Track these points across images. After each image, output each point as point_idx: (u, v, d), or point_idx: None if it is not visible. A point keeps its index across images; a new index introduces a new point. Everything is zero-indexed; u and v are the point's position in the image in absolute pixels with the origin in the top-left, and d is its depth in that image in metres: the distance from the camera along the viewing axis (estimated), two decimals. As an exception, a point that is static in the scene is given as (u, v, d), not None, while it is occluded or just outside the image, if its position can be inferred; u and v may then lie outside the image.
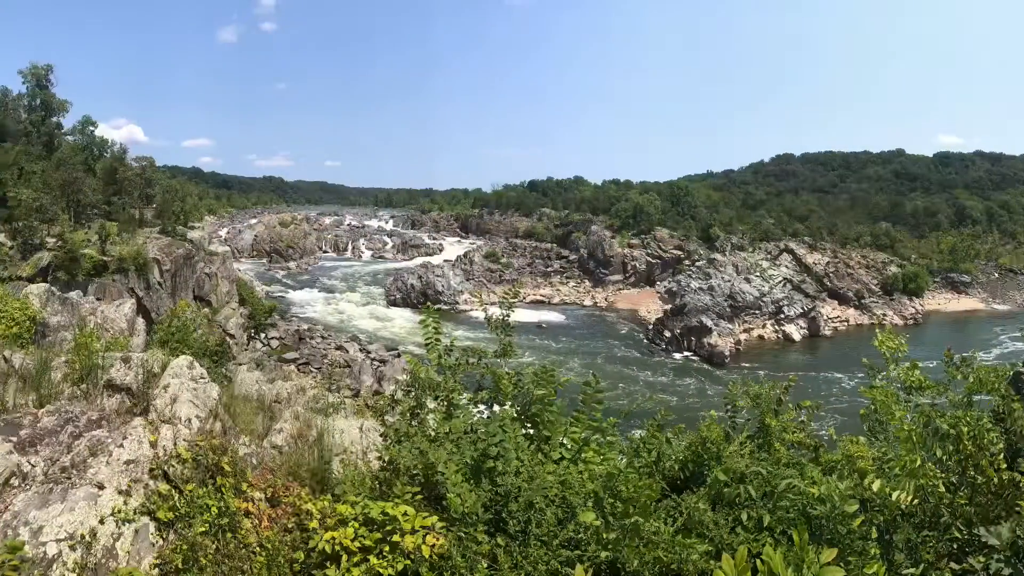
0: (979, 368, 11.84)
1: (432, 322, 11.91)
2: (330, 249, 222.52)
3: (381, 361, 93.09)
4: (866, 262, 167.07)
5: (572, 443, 10.68)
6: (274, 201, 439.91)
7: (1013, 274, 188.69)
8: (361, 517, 8.14)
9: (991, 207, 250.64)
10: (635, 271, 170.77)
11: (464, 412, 10.75)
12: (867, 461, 9.52)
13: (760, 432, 12.16)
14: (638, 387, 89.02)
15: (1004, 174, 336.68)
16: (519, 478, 8.80)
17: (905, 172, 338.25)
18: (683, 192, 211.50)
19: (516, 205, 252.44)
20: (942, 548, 8.72)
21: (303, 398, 20.09)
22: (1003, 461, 9.15)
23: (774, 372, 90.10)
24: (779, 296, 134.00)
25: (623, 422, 11.64)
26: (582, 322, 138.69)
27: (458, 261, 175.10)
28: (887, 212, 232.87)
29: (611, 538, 8.05)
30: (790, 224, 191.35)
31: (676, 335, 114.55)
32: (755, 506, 9.08)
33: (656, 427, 11.48)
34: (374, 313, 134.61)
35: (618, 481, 8.38)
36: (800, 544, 6.30)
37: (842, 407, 76.82)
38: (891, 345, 11.36)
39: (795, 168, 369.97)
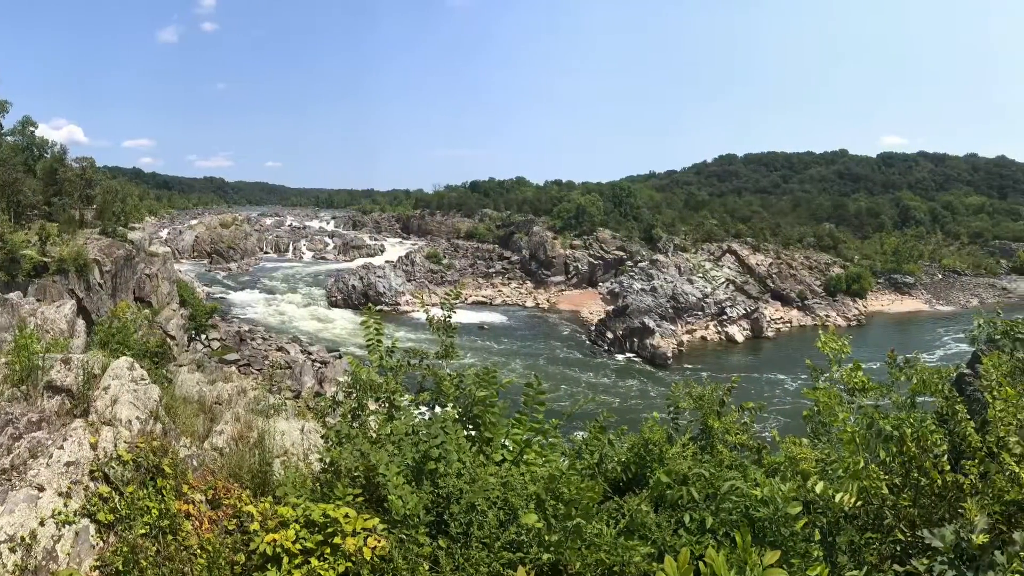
0: (922, 369, 11.93)
1: (373, 323, 11.94)
2: (271, 250, 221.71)
3: (322, 362, 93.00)
4: (809, 263, 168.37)
5: (514, 445, 10.71)
6: (215, 202, 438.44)
7: (956, 275, 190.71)
8: (302, 519, 8.13)
9: (935, 208, 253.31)
10: (577, 272, 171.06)
11: (406, 414, 10.77)
12: (810, 463, 9.55)
13: (703, 434, 12.23)
14: (580, 388, 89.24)
15: (948, 175, 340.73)
16: (461, 480, 8.81)
17: (848, 173, 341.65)
18: (625, 193, 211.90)
19: (458, 206, 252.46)
20: (885, 550, 8.79)
21: (244, 400, 19.99)
22: (947, 463, 9.22)
23: (717, 373, 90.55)
24: (722, 297, 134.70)
25: (565, 423, 11.69)
26: (524, 323, 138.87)
27: (399, 262, 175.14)
28: (830, 213, 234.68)
29: (553, 540, 8.06)
30: (733, 225, 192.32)
31: (618, 336, 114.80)
32: (698, 508, 9.12)
33: (598, 429, 11.49)
34: (315, 314, 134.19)
35: (560, 483, 8.38)
36: (743, 546, 6.33)
37: (785, 408, 77.40)
38: (834, 346, 11.43)
39: (738, 169, 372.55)
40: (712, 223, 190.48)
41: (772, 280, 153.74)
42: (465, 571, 7.93)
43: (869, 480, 8.89)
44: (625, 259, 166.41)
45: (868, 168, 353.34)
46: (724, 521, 8.84)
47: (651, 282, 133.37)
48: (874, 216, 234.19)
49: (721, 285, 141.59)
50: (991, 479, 8.70)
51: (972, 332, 17.17)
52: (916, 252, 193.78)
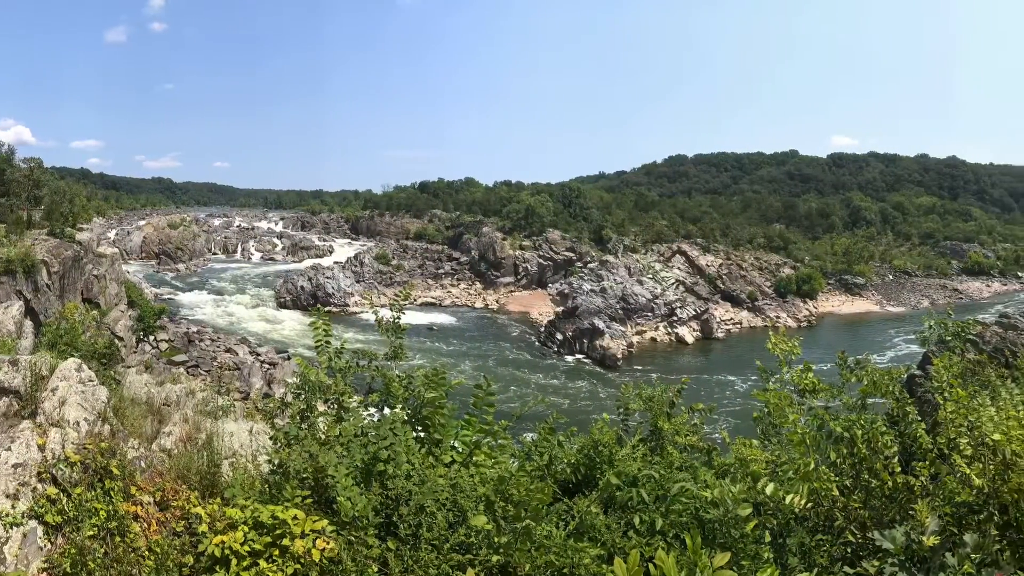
0: (873, 371, 11.99)
1: (322, 324, 11.93)
2: (219, 251, 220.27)
3: (271, 364, 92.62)
4: (759, 264, 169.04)
5: (463, 446, 10.73)
6: (163, 203, 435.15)
7: (907, 276, 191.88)
8: (251, 521, 8.08)
9: (885, 208, 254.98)
10: (527, 273, 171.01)
11: (355, 415, 10.74)
12: (760, 464, 9.58)
13: (653, 435, 12.26)
14: (530, 390, 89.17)
15: (898, 175, 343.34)
16: (410, 481, 8.80)
17: (799, 173, 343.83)
18: (575, 193, 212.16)
19: (407, 207, 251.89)
20: (836, 552, 8.84)
21: (192, 401, 19.97)
22: (897, 464, 9.28)
23: (667, 375, 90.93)
24: (672, 298, 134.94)
25: (515, 425, 11.69)
26: (473, 324, 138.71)
27: (348, 263, 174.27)
28: (781, 213, 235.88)
29: (502, 542, 8.05)
30: (683, 226, 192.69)
31: (568, 337, 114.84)
32: (648, 509, 9.13)
33: (548, 430, 11.50)
34: (264, 315, 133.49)
35: (510, 484, 8.38)
36: (693, 548, 6.34)
37: (735, 410, 77.57)
38: (784, 347, 11.47)
39: (688, 169, 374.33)
40: (662, 224, 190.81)
41: (722, 281, 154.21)
42: (414, 573, 7.92)
43: (819, 482, 8.93)
44: (575, 260, 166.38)
45: (818, 169, 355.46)
46: (674, 523, 8.86)
47: (601, 283, 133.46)
48: (824, 217, 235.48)
49: (671, 286, 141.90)
50: (942, 481, 8.78)
51: (923, 333, 17.27)
52: (867, 253, 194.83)
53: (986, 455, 8.44)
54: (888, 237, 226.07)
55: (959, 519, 8.33)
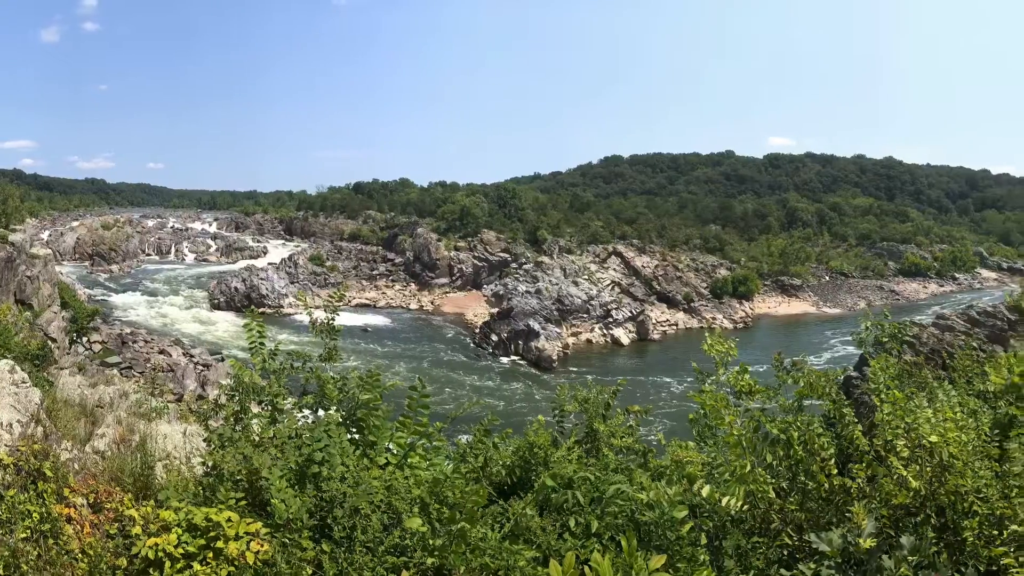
0: (810, 372, 12.05)
1: (256, 326, 11.89)
2: (153, 252, 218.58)
3: (205, 365, 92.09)
4: (695, 265, 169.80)
5: (398, 448, 10.70)
6: (96, 203, 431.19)
7: (844, 277, 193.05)
8: (185, 523, 8.03)
9: (822, 209, 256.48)
10: (461, 274, 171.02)
11: (289, 417, 10.74)
12: (696, 466, 9.62)
13: (588, 437, 12.29)
14: (465, 391, 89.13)
15: (835, 176, 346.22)
16: (344, 484, 8.78)
17: (735, 174, 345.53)
18: (510, 194, 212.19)
19: (341, 207, 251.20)
20: (772, 554, 8.87)
21: (126, 403, 19.84)
22: (834, 466, 9.32)
23: (602, 376, 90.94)
24: (607, 299, 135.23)
25: (449, 427, 11.68)
26: (408, 326, 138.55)
27: (282, 264, 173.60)
28: (717, 214, 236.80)
29: (437, 544, 8.06)
30: (618, 227, 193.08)
31: (503, 339, 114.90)
32: (583, 512, 9.16)
33: (483, 432, 11.50)
34: (197, 317, 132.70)
35: (444, 487, 8.41)
36: (629, 550, 6.36)
37: (671, 412, 77.81)
38: (720, 349, 11.50)
39: (624, 170, 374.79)
40: (597, 225, 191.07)
41: (658, 282, 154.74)
42: (349, 575, 7.90)
43: (756, 484, 8.96)
44: (510, 261, 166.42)
45: (755, 169, 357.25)
46: (610, 525, 8.89)
47: (536, 284, 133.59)
48: (761, 218, 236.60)
49: (607, 287, 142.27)
50: (879, 483, 8.82)
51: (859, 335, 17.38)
52: (803, 254, 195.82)
53: (923, 457, 8.50)
54: (825, 238, 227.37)
55: (896, 521, 8.38)
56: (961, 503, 8.21)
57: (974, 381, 13.83)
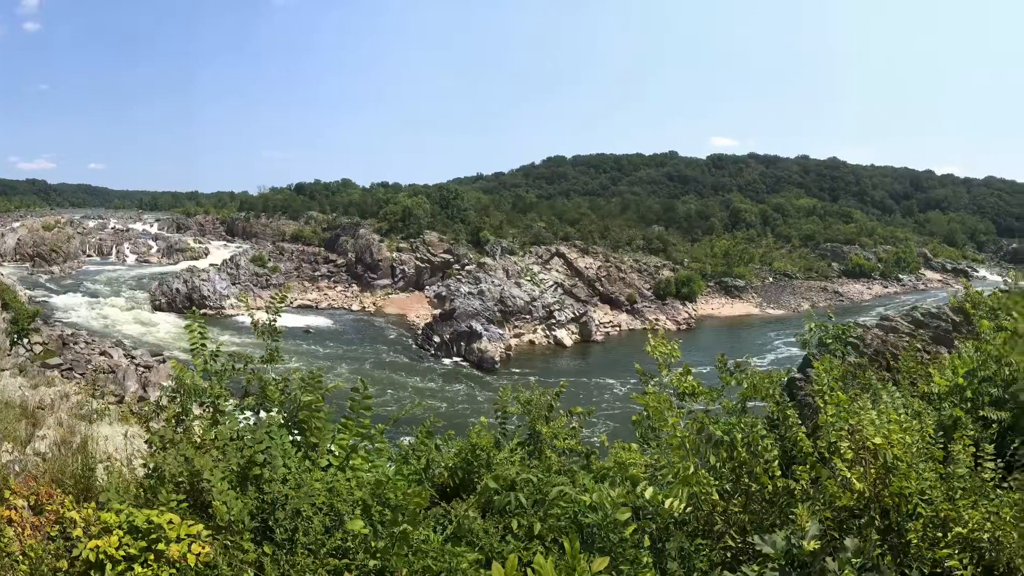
0: (753, 374, 12.10)
1: (198, 327, 11.85)
2: (94, 253, 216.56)
3: (146, 367, 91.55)
4: (638, 266, 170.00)
5: (340, 450, 10.67)
6: (37, 204, 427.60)
7: (788, 278, 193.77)
8: (126, 525, 7.98)
9: (765, 210, 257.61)
10: (404, 275, 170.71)
11: (230, 418, 10.68)
12: (639, 468, 9.63)
13: (531, 439, 12.29)
14: (407, 393, 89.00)
15: (778, 176, 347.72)
16: (286, 485, 8.79)
17: (678, 175, 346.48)
18: (453, 195, 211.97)
19: (283, 208, 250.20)
20: (716, 556, 8.90)
21: (67, 404, 19.76)
22: (777, 468, 9.36)
23: (545, 378, 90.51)
24: (550, 301, 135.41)
25: (392, 429, 11.68)
26: (350, 327, 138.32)
27: (224, 265, 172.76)
28: (660, 215, 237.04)
29: (380, 546, 8.06)
30: (561, 228, 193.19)
31: (445, 340, 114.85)
32: (526, 514, 9.17)
33: (425, 434, 11.52)
34: (139, 318, 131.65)
35: (387, 488, 8.39)
36: (571, 552, 6.35)
37: (614, 413, 77.92)
38: (664, 350, 11.52)
39: (566, 171, 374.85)
40: (540, 226, 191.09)
41: (601, 283, 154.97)
42: (290, 578, 7.89)
43: (699, 486, 8.99)
44: (452, 262, 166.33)
45: (698, 170, 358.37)
46: (552, 527, 8.91)
47: (478, 285, 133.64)
48: (704, 219, 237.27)
49: (549, 288, 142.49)
50: (823, 485, 8.86)
51: (803, 336, 17.46)
52: (747, 255, 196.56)
53: (867, 459, 8.54)
54: (768, 239, 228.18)
55: (840, 523, 8.42)
56: (905, 505, 8.26)
57: (918, 383, 13.91)
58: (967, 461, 8.97)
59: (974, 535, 7.87)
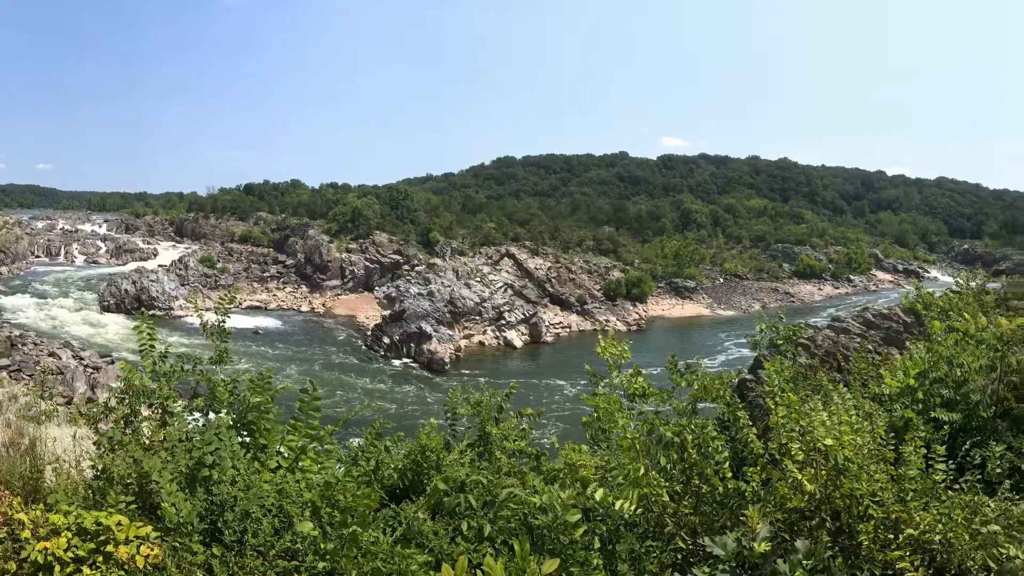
0: (704, 375, 12.16)
1: (146, 328, 11.85)
2: (43, 254, 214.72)
3: (95, 368, 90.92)
4: (589, 267, 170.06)
5: (289, 451, 10.66)
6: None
7: (738, 279, 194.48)
8: (74, 527, 7.92)
9: (716, 211, 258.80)
10: (353, 276, 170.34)
11: (179, 420, 10.67)
12: (590, 470, 9.62)
13: (481, 440, 12.29)
14: (356, 394, 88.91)
15: (729, 177, 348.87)
16: (235, 487, 8.78)
17: (629, 175, 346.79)
18: (402, 195, 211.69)
19: (232, 209, 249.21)
20: (666, 558, 8.90)
21: (15, 406, 19.59)
22: (728, 470, 9.39)
23: (495, 379, 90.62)
24: (500, 302, 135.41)
25: (341, 430, 11.67)
26: (300, 328, 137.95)
27: (173, 266, 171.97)
28: (610, 216, 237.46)
29: (329, 548, 8.04)
30: (511, 228, 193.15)
31: (395, 341, 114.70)
32: (476, 515, 9.16)
33: (375, 435, 11.51)
34: (87, 319, 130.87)
35: (336, 490, 8.37)
36: (521, 554, 6.36)
37: (564, 415, 78.05)
38: (614, 351, 11.53)
39: (516, 171, 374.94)
40: (490, 226, 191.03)
41: (551, 284, 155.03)
42: (239, 579, 7.87)
43: (649, 487, 9.00)
44: (402, 263, 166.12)
45: (648, 171, 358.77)
46: (502, 529, 8.90)
47: (428, 286, 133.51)
48: (655, 219, 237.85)
49: (499, 289, 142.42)
50: (773, 486, 8.89)
51: (754, 337, 17.53)
52: (697, 256, 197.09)
53: (818, 460, 8.57)
54: (719, 240, 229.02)
55: (791, 525, 8.45)
56: (856, 507, 8.29)
57: (869, 384, 13.98)
58: (918, 463, 9.02)
59: (925, 537, 7.91)
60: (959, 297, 25.00)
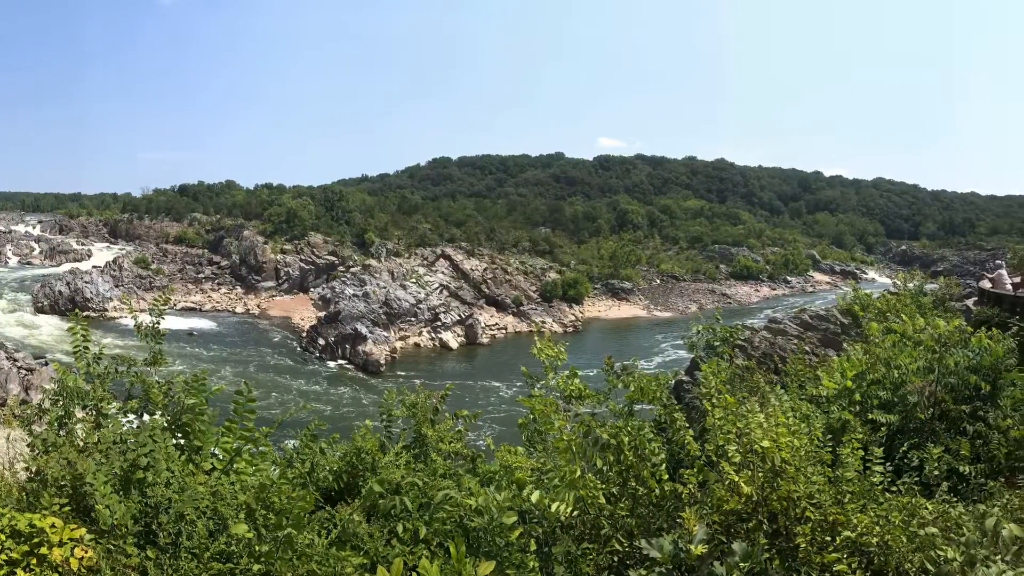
0: (640, 377, 12.18)
1: (80, 330, 11.76)
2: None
3: (28, 369, 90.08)
4: (525, 268, 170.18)
5: (224, 453, 10.62)
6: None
7: (675, 280, 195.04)
8: (8, 529, 7.85)
9: (652, 212, 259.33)
10: (288, 277, 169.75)
11: (113, 422, 10.60)
12: (525, 472, 9.62)
13: (416, 442, 12.26)
14: (291, 396, 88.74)
15: (666, 178, 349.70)
16: (169, 489, 8.73)
17: (565, 176, 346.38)
18: (337, 196, 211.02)
19: (167, 210, 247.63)
20: (602, 560, 8.91)
21: (-51, 408, 19.39)
22: (665, 472, 9.41)
23: (431, 381, 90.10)
24: (436, 303, 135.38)
25: (276, 432, 11.64)
26: (234, 330, 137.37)
27: (107, 267, 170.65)
28: (546, 217, 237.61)
29: (264, 550, 8.02)
30: (447, 229, 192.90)
31: (330, 343, 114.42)
32: (411, 518, 9.15)
33: (310, 437, 11.53)
34: (21, 320, 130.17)
35: (271, 492, 8.36)
36: (457, 557, 6.34)
37: (500, 416, 78.11)
38: (550, 353, 11.55)
39: (452, 172, 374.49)
40: (426, 227, 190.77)
41: (487, 286, 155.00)
42: (175, 582, 7.82)
43: (586, 489, 9.00)
44: (337, 264, 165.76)
45: (585, 171, 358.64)
46: (438, 531, 8.91)
47: (363, 288, 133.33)
48: (591, 220, 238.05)
49: (435, 291, 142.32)
50: (710, 488, 8.92)
51: (691, 338, 17.60)
52: (634, 257, 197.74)
53: (755, 462, 8.60)
54: (655, 241, 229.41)
55: (728, 527, 8.47)
56: (793, 509, 8.33)
57: (807, 385, 14.09)
58: (856, 465, 9.08)
59: (863, 539, 7.96)
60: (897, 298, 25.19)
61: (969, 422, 13.20)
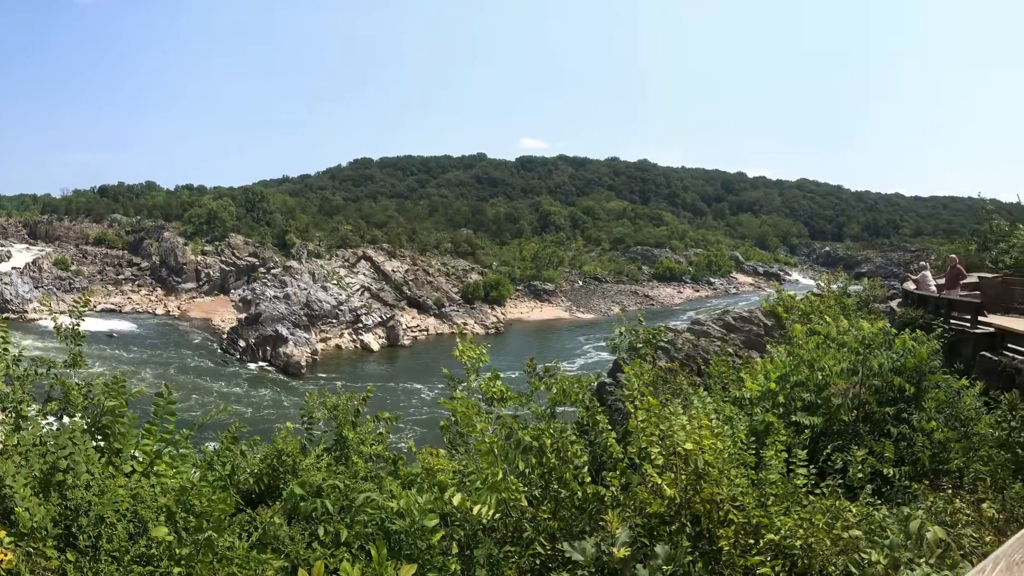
0: (563, 378, 12.18)
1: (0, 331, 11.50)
2: None
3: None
4: (446, 269, 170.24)
5: (144, 456, 10.53)
6: None
7: (597, 282, 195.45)
8: (-73, 532, 7.76)
9: (575, 213, 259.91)
10: (209, 279, 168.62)
11: (33, 424, 10.43)
12: (447, 474, 9.61)
13: (337, 444, 12.21)
14: (212, 398, 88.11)
15: (588, 178, 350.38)
16: (89, 492, 8.62)
17: (487, 177, 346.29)
18: (258, 197, 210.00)
19: (87, 211, 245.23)
20: (525, 564, 8.91)
21: None
22: (587, 474, 9.42)
23: (352, 383, 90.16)
24: (357, 305, 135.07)
25: (197, 434, 11.55)
26: (155, 331, 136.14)
27: (27, 268, 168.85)
28: (468, 218, 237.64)
29: (184, 553, 7.97)
30: (368, 231, 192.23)
31: (251, 345, 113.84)
32: (332, 520, 9.13)
33: (230, 439, 11.44)
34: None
35: (191, 495, 8.31)
36: (378, 560, 6.32)
37: (422, 419, 77.98)
38: (472, 355, 11.53)
39: (373, 173, 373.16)
40: (347, 228, 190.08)
41: (408, 287, 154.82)
42: (95, 585, 7.76)
43: (508, 492, 8.99)
44: (258, 265, 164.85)
45: (507, 172, 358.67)
46: (359, 534, 8.88)
47: (284, 289, 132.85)
48: (513, 221, 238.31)
49: (356, 292, 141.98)
50: (633, 491, 8.93)
51: (613, 340, 17.65)
52: (556, 258, 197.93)
53: (678, 465, 8.63)
54: (578, 242, 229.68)
55: (650, 530, 8.50)
56: (717, 511, 8.36)
57: (730, 387, 14.16)
58: (779, 467, 9.14)
59: (786, 542, 8.01)
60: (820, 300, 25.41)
61: (893, 424, 13.33)
